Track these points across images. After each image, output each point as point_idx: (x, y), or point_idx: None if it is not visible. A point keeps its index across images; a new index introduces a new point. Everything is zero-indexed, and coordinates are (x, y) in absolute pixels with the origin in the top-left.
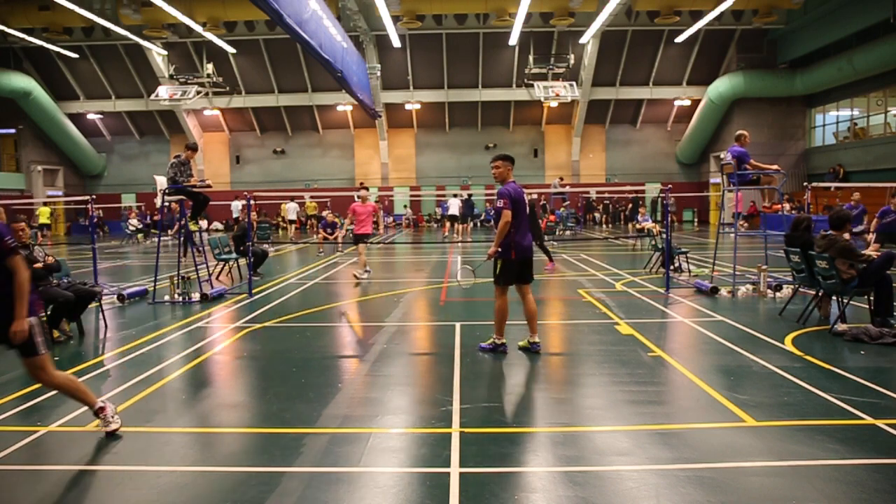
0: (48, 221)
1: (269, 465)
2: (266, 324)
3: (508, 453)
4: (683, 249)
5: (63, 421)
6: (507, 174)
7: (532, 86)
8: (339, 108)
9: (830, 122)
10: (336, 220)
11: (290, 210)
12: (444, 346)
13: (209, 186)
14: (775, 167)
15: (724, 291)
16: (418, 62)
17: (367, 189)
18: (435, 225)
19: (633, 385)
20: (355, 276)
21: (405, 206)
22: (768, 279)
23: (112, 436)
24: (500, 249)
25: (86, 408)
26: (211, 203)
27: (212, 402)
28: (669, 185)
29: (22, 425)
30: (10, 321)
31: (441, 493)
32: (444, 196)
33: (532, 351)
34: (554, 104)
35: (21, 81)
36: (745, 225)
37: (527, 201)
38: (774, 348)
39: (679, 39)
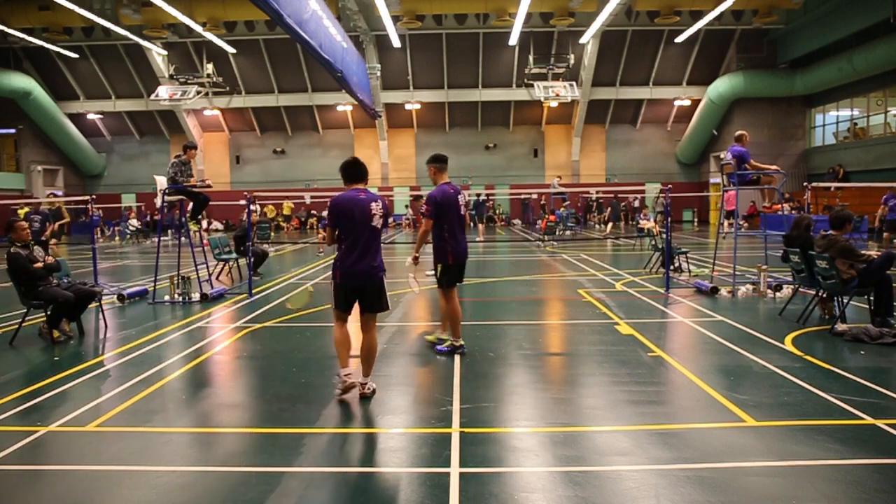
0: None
1: (269, 465)
2: (266, 324)
3: (508, 453)
4: (683, 249)
5: (63, 421)
6: (436, 177)
7: (532, 86)
8: (339, 108)
9: (830, 122)
10: None
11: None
12: None
13: (209, 186)
14: (775, 167)
15: (724, 291)
16: (418, 62)
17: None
18: None
19: (633, 385)
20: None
21: (406, 206)
22: (768, 279)
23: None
24: (418, 255)
25: (86, 407)
26: (211, 203)
27: (212, 402)
28: (669, 185)
29: (22, 425)
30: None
31: (441, 493)
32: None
33: (437, 348)
34: (554, 104)
35: (21, 81)
36: (746, 225)
37: (461, 202)
38: (774, 348)
39: (679, 39)
